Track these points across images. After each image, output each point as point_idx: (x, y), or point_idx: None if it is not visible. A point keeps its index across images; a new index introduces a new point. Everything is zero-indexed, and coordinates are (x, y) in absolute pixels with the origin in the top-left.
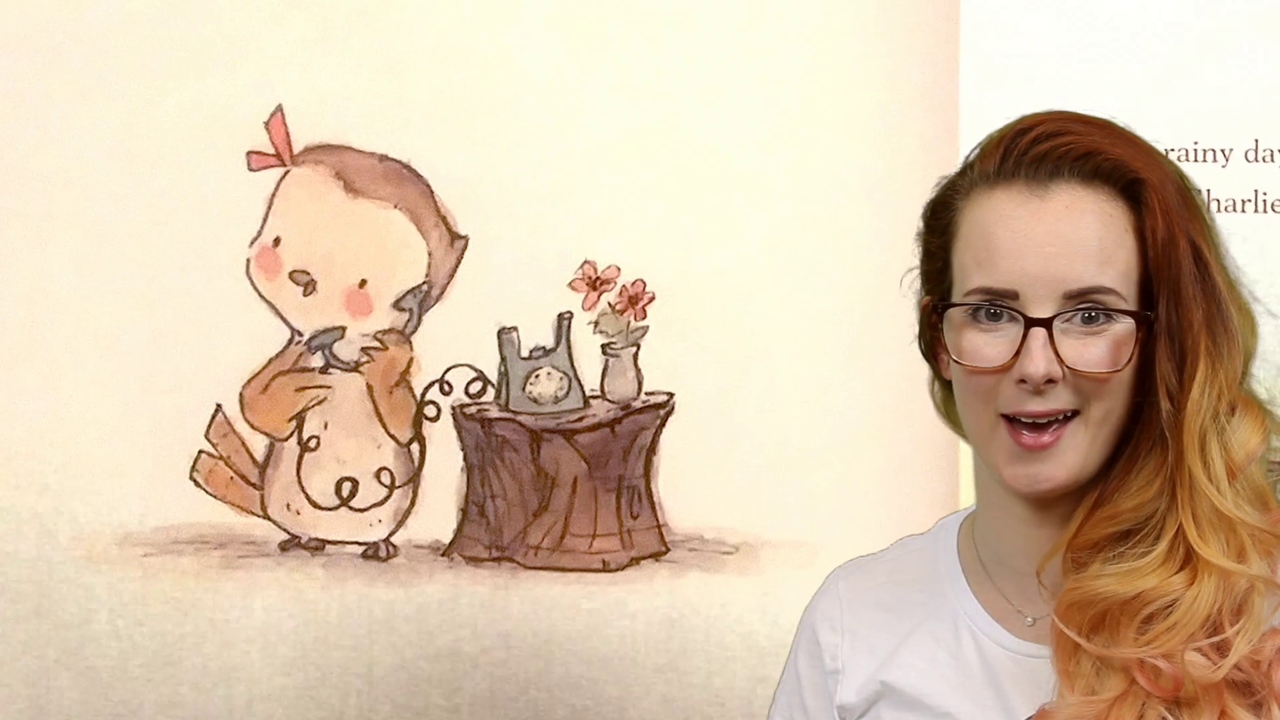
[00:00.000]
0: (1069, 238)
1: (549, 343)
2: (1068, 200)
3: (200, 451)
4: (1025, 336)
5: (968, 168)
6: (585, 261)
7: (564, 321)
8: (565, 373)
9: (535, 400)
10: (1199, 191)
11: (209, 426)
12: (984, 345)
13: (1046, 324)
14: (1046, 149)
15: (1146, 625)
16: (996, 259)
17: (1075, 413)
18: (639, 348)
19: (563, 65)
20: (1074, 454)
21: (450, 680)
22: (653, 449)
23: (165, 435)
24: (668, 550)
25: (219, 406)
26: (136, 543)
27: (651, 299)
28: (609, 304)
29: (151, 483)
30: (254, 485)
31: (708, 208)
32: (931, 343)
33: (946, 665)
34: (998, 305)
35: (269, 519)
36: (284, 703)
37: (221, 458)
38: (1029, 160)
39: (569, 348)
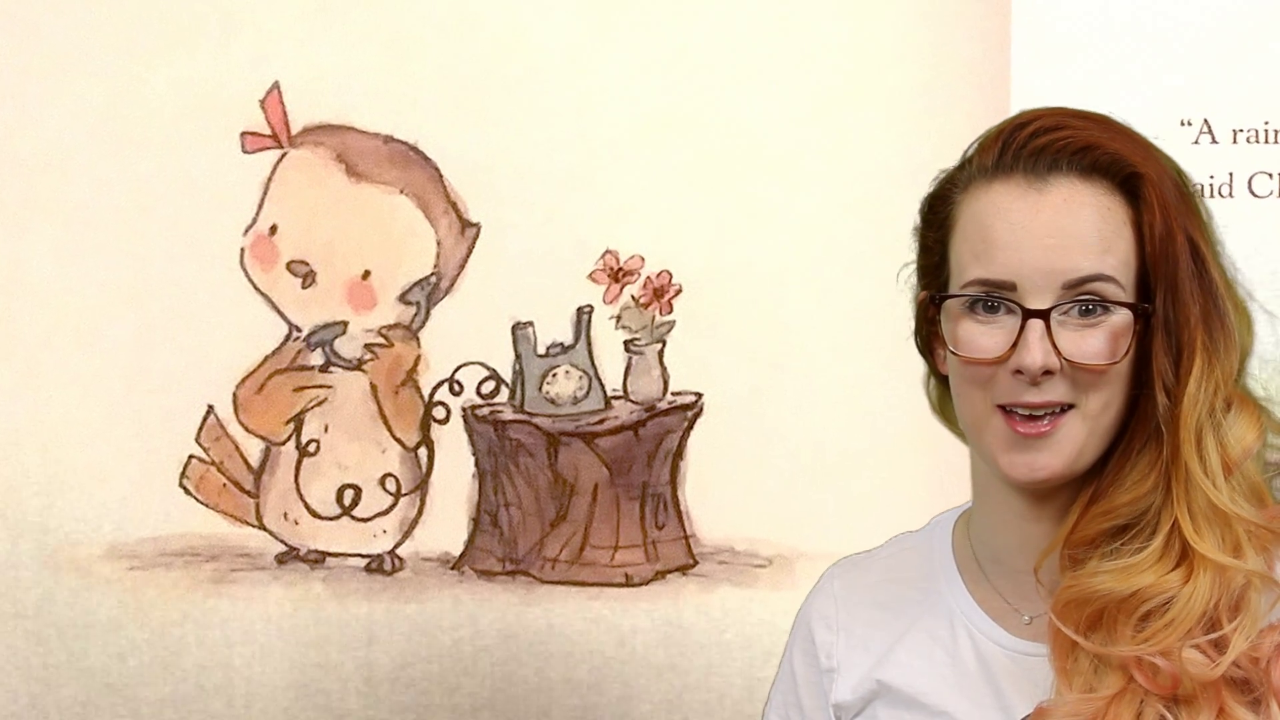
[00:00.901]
0: (1067, 229)
1: (567, 339)
2: (1066, 193)
3: (190, 456)
4: (1023, 328)
5: (965, 162)
6: (607, 251)
7: (584, 316)
8: (585, 371)
9: (552, 401)
10: (1197, 188)
11: (200, 429)
12: (981, 335)
13: (1044, 315)
14: (1045, 142)
15: (1144, 622)
16: (994, 251)
17: (1071, 405)
18: (664, 344)
19: (582, 38)
20: (1070, 444)
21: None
22: (679, 454)
23: (153, 439)
24: (696, 563)
25: (211, 408)
26: (121, 555)
27: (678, 292)
28: (632, 297)
29: (138, 490)
30: (248, 493)
31: (739, 193)
32: (928, 338)
33: (943, 663)
34: (995, 297)
35: (265, 529)
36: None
37: (213, 463)
38: (1027, 153)
39: (589, 344)
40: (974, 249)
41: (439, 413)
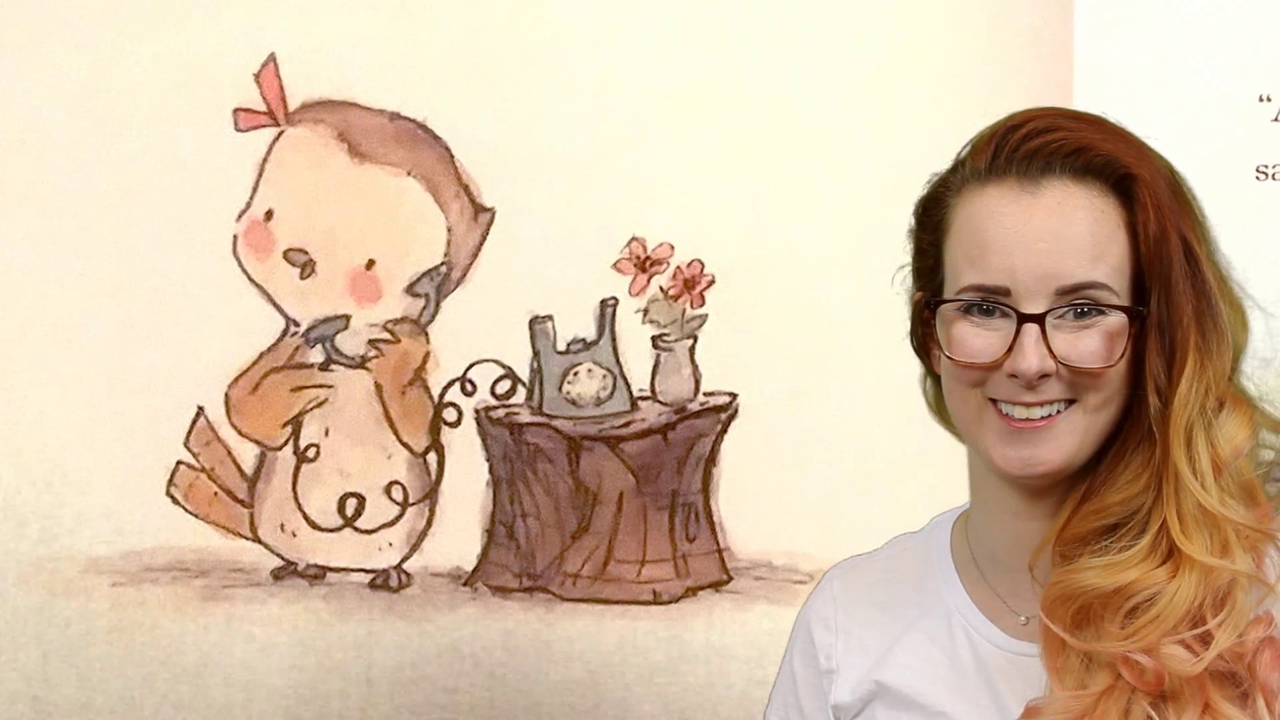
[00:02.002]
0: (1061, 233)
1: (590, 334)
2: (1059, 196)
3: (179, 462)
4: (1018, 332)
5: (959, 165)
6: (633, 239)
7: (608, 309)
8: (609, 370)
9: (574, 402)
10: (1190, 187)
11: (189, 433)
12: (975, 339)
13: (1039, 320)
14: (1038, 145)
15: (1129, 619)
16: (988, 255)
17: (1072, 400)
18: (696, 340)
19: (606, 7)
20: (1070, 438)
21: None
22: (712, 460)
23: (138, 443)
24: (730, 579)
25: (201, 409)
26: (103, 570)
27: (710, 283)
28: (660, 289)
29: (122, 499)
30: (242, 502)
31: (777, 176)
32: (924, 338)
33: (940, 664)
34: (990, 301)
35: (260, 542)
36: None
37: (204, 470)
38: (1020, 156)
39: (613, 340)
40: (968, 253)
41: (450, 415)
